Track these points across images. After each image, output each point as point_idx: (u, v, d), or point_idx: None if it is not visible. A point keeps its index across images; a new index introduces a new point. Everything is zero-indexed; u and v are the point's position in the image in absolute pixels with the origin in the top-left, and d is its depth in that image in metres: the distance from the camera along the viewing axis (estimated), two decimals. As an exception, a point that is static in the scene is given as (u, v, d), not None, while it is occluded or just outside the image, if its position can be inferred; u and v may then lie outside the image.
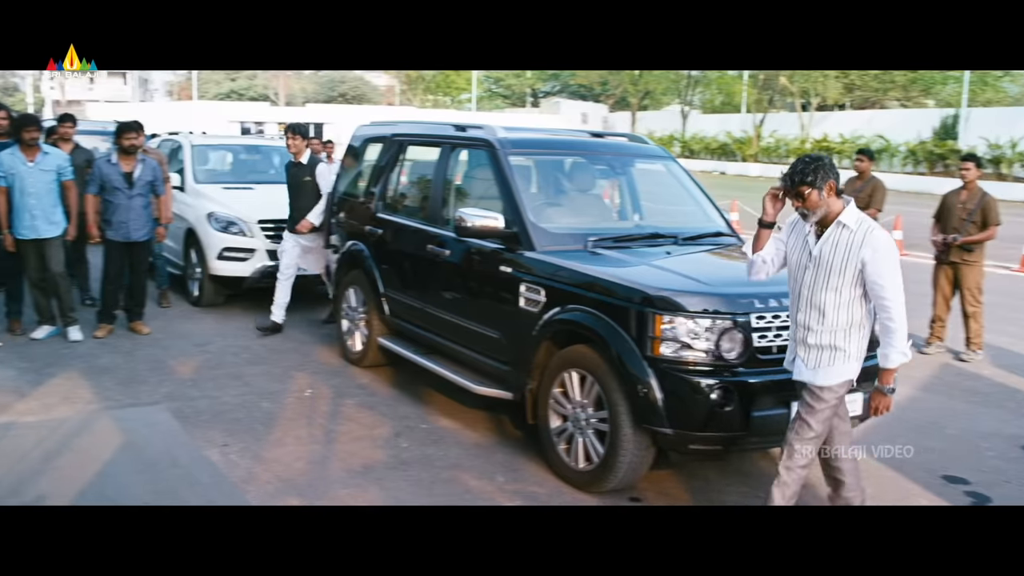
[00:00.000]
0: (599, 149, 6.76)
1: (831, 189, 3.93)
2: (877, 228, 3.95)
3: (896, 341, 3.90)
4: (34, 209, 7.40)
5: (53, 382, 6.50)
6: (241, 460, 5.20)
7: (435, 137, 6.65)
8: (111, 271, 7.87)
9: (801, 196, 3.96)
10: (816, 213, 3.97)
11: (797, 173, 3.94)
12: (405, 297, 6.53)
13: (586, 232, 5.54)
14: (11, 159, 7.39)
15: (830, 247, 3.98)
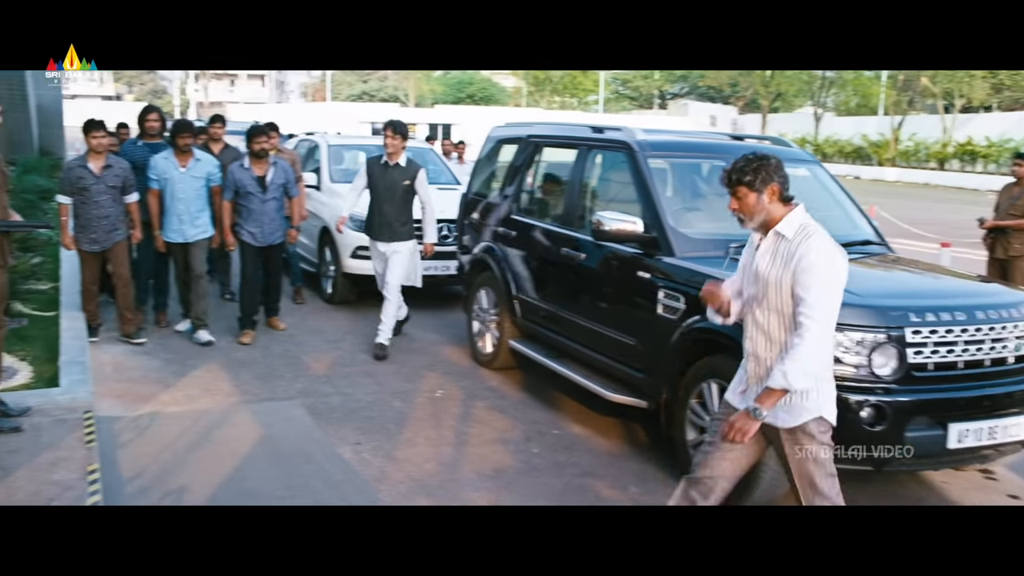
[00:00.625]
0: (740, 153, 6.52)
1: (773, 193, 3.41)
2: (817, 235, 3.37)
3: (790, 361, 3.28)
4: (182, 214, 7.54)
5: (195, 374, 6.70)
6: (373, 459, 5.22)
7: (572, 139, 6.56)
8: (248, 276, 7.86)
9: (737, 197, 3.48)
10: (753, 219, 3.46)
11: (736, 171, 3.46)
12: (537, 300, 6.46)
13: (727, 238, 5.35)
14: (164, 164, 7.55)
15: (768, 260, 3.46)
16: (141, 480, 4.79)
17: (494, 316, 7.06)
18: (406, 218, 7.49)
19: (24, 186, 12.93)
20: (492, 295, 7.08)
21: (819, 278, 3.31)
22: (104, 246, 7.19)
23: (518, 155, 7.13)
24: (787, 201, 3.46)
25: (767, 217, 3.44)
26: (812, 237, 3.37)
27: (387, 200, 7.40)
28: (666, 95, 68.98)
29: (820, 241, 3.37)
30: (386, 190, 7.41)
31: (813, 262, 3.31)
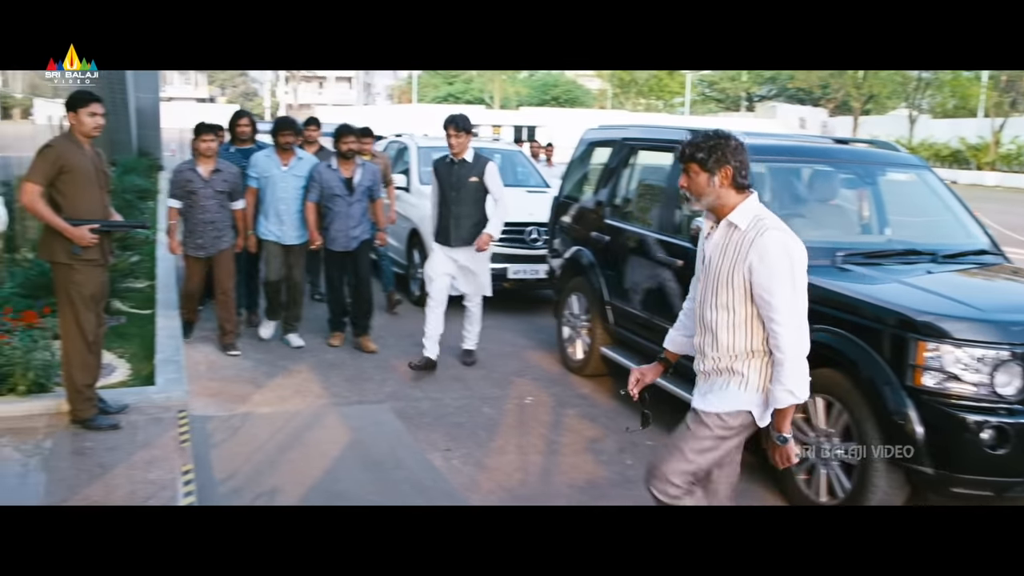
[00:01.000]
0: (844, 156, 6.29)
1: (727, 177, 3.13)
2: (774, 228, 3.10)
3: (784, 376, 3.09)
4: (283, 214, 7.39)
5: (285, 375, 6.73)
6: (464, 467, 5.14)
7: (669, 142, 6.38)
8: (333, 280, 7.69)
9: (687, 174, 3.22)
10: (700, 201, 3.20)
11: (691, 145, 3.20)
12: (631, 307, 6.31)
13: (833, 246, 5.13)
14: (266, 162, 7.41)
15: (719, 252, 3.20)
16: (233, 481, 4.79)
17: (585, 322, 6.92)
18: (477, 219, 6.97)
19: (123, 186, 13.28)
20: (583, 300, 6.95)
21: (785, 277, 3.06)
22: (209, 252, 7.08)
23: (612, 158, 6.99)
24: (741, 188, 3.18)
25: (717, 202, 3.17)
26: (768, 231, 3.09)
27: (456, 200, 6.91)
28: (753, 97, 67.82)
29: (777, 236, 3.09)
30: (454, 189, 6.92)
31: (773, 261, 3.05)
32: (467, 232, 6.91)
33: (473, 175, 6.90)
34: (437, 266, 7.04)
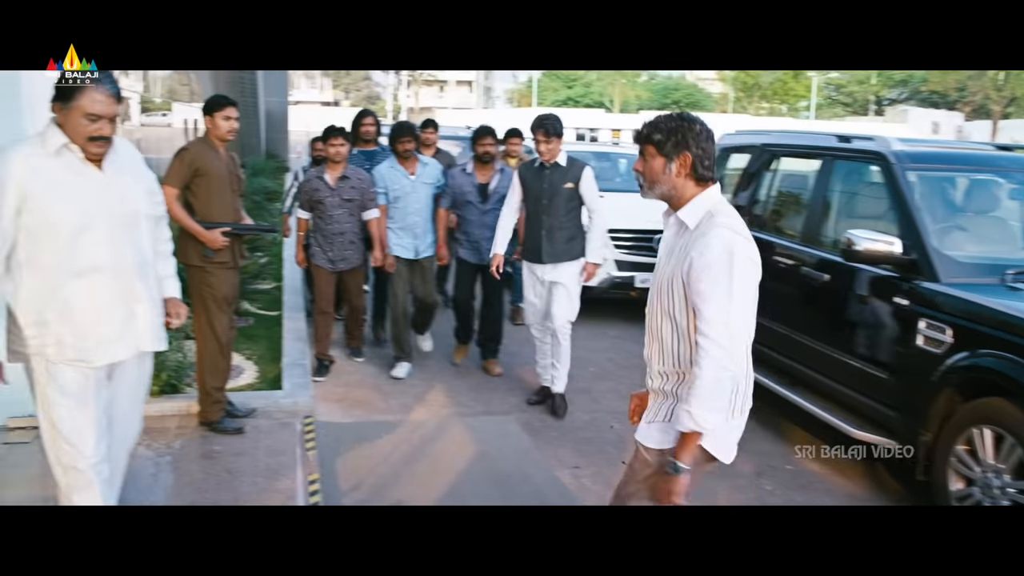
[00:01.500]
0: (1012, 165, 5.80)
1: (684, 166, 2.75)
2: (724, 227, 2.69)
3: (693, 397, 2.66)
4: (416, 227, 6.78)
5: (410, 382, 6.65)
6: (593, 485, 4.93)
7: (814, 148, 6.03)
8: (461, 295, 7.02)
9: (643, 157, 2.86)
10: (653, 188, 2.83)
11: (649, 125, 2.84)
12: (769, 321, 5.96)
13: (1003, 263, 4.72)
14: (392, 173, 6.75)
15: (665, 252, 2.87)
16: (359, 492, 4.70)
17: (719, 336, 6.60)
18: (572, 231, 6.10)
19: (252, 187, 13.56)
20: (717, 313, 6.63)
21: (717, 281, 2.63)
22: (339, 267, 6.63)
23: (751, 165, 6.67)
24: (701, 180, 2.79)
25: (672, 192, 2.80)
26: (718, 228, 2.68)
27: (548, 210, 6.02)
28: (883, 101, 65.39)
29: (722, 233, 2.67)
30: (545, 197, 6.03)
31: (710, 262, 2.63)
32: (561, 247, 6.04)
33: (568, 181, 6.01)
34: (534, 291, 6.24)
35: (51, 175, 3.10)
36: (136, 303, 3.31)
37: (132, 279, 3.27)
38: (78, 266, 3.12)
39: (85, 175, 3.17)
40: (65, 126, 3.11)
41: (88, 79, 3.07)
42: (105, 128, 3.13)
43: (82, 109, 3.07)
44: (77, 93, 3.06)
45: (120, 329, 3.27)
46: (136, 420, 3.60)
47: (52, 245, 3.09)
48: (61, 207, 3.09)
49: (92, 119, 3.08)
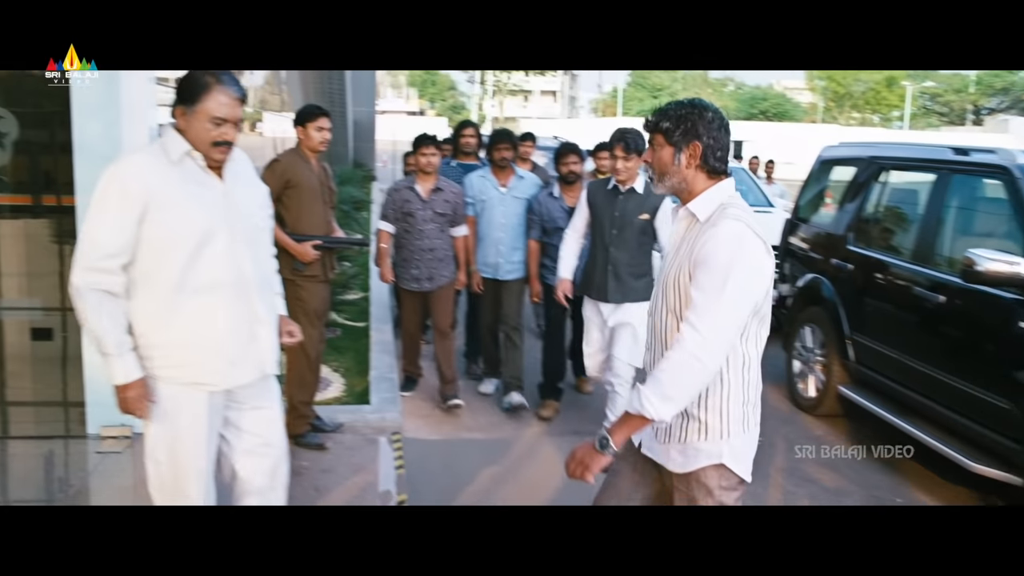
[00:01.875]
0: None
1: (694, 156, 2.56)
2: (735, 220, 2.48)
3: (655, 380, 2.44)
4: (500, 244, 6.25)
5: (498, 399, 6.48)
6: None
7: (927, 161, 5.71)
8: (553, 334, 6.27)
9: (652, 146, 2.67)
10: (662, 181, 2.65)
11: (657, 112, 2.67)
12: (877, 344, 5.67)
13: None
14: (482, 182, 6.35)
15: (673, 247, 2.66)
16: (448, 514, 4.57)
17: (820, 357, 6.31)
18: (642, 268, 5.29)
19: (340, 197, 13.63)
20: (819, 333, 6.34)
21: (715, 271, 2.42)
22: (425, 286, 6.10)
23: (857, 178, 6.36)
24: (714, 173, 2.59)
25: (681, 185, 2.61)
26: (726, 221, 2.49)
27: (614, 242, 5.24)
28: (981, 111, 63.25)
29: (731, 226, 2.47)
30: (615, 227, 5.24)
31: (712, 251, 2.44)
32: (629, 286, 5.22)
33: (643, 211, 5.17)
34: (594, 332, 5.43)
35: (173, 184, 2.89)
36: (257, 323, 3.07)
37: (253, 297, 3.06)
38: (199, 282, 2.91)
39: (207, 185, 2.97)
40: (187, 131, 2.91)
41: (213, 79, 2.90)
42: (229, 133, 2.94)
43: (207, 112, 2.88)
44: (202, 95, 2.87)
45: (242, 351, 3.03)
46: (281, 443, 3.26)
47: (172, 259, 2.87)
48: (184, 218, 2.88)
49: (217, 123, 2.89)
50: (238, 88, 2.95)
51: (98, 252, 2.81)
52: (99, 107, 4.83)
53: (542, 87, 76.87)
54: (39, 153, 5.29)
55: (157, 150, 2.94)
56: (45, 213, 5.37)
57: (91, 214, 2.86)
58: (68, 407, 5.25)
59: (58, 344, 5.34)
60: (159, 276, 2.88)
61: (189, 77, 2.91)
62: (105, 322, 2.84)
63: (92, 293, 2.82)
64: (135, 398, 2.88)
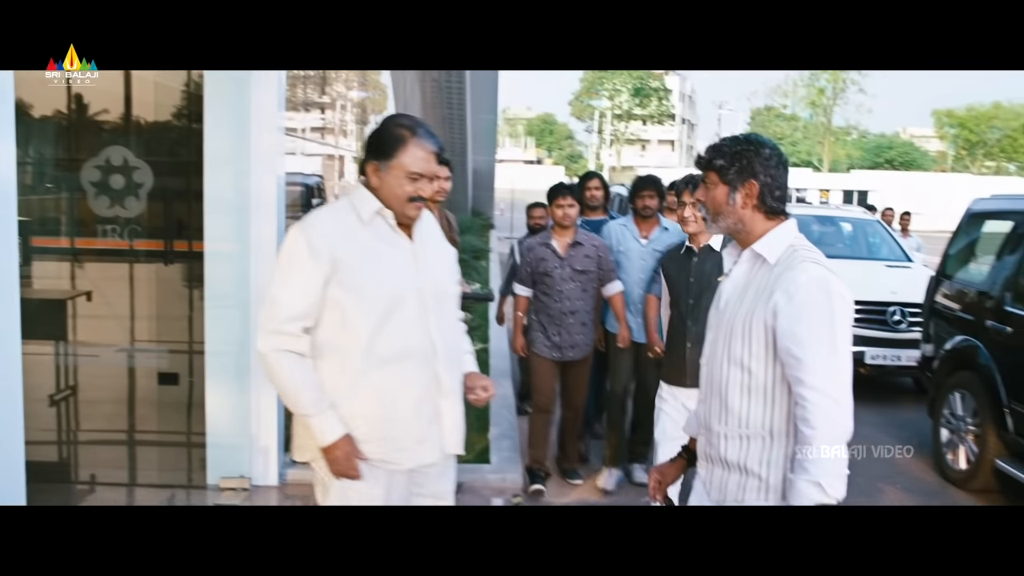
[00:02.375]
0: None
1: (751, 196, 2.39)
2: (811, 262, 2.31)
3: (812, 462, 2.20)
4: (639, 301, 5.51)
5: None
6: None
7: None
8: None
9: (705, 185, 2.49)
10: (718, 222, 2.48)
11: (712, 149, 2.48)
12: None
13: None
14: (622, 231, 5.69)
15: (737, 291, 2.45)
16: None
17: (973, 427, 5.83)
18: None
19: (461, 246, 13.67)
20: (971, 401, 5.86)
21: (817, 324, 2.24)
22: (569, 355, 5.44)
23: (1015, 233, 5.90)
24: (772, 213, 2.42)
25: (737, 226, 2.44)
26: (804, 263, 2.31)
27: (691, 313, 4.37)
28: None
29: (814, 269, 2.30)
30: (689, 295, 4.41)
31: (805, 301, 2.25)
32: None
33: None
34: (671, 417, 4.33)
35: (364, 244, 2.70)
36: (442, 397, 2.80)
37: (441, 369, 2.78)
38: (385, 352, 2.68)
39: (397, 245, 2.76)
40: (380, 188, 2.72)
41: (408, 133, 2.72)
42: (425, 188, 2.75)
43: (404, 168, 2.70)
44: (398, 150, 2.70)
45: (427, 427, 2.78)
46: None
47: (359, 326, 2.66)
48: (374, 282, 2.67)
49: (414, 178, 2.71)
50: (435, 141, 2.78)
51: (283, 314, 2.64)
52: (230, 157, 4.88)
53: (659, 136, 76.52)
54: (173, 200, 5.38)
55: (345, 207, 2.77)
56: (177, 258, 5.45)
57: (276, 274, 2.72)
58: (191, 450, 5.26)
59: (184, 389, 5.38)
60: (343, 343, 2.68)
61: (382, 131, 2.75)
62: (298, 382, 2.66)
63: (279, 355, 2.65)
64: (343, 457, 2.66)
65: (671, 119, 74.14)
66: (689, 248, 4.46)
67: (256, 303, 4.84)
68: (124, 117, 5.49)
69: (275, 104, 4.92)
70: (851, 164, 58.06)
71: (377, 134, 2.75)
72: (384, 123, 2.77)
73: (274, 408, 5.01)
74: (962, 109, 61.00)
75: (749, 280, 2.43)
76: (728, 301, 2.48)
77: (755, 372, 2.36)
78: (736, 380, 2.40)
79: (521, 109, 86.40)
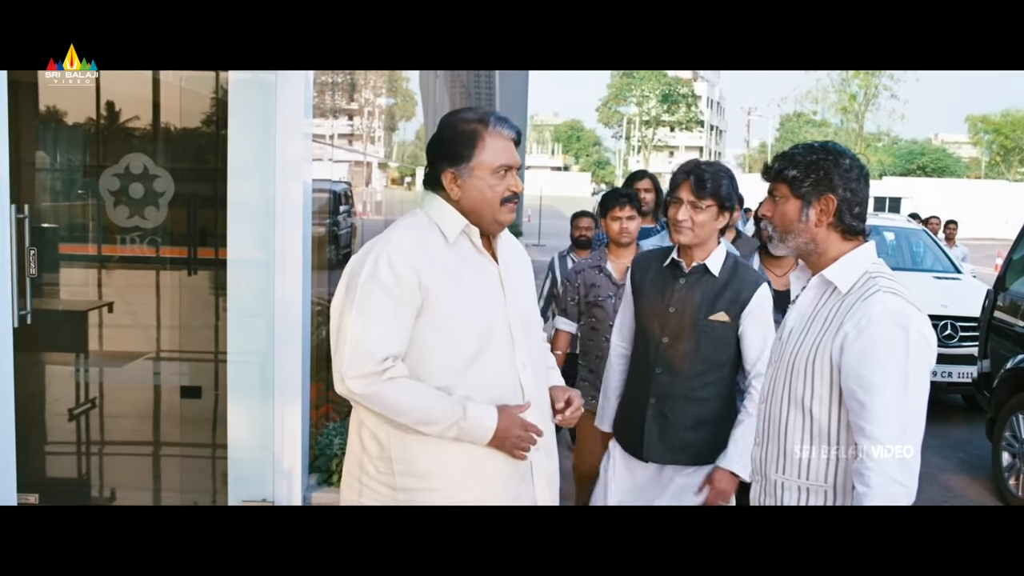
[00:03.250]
0: None
1: (827, 212, 2.11)
2: (890, 293, 2.03)
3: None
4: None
5: None
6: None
7: None
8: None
9: (773, 198, 2.21)
10: (784, 240, 2.19)
11: (783, 158, 2.19)
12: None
13: None
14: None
15: (803, 322, 2.18)
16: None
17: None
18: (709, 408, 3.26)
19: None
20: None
21: (890, 364, 1.96)
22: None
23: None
24: (850, 233, 2.14)
25: (810, 246, 2.16)
26: (878, 293, 2.03)
27: (665, 358, 3.20)
28: None
29: (890, 300, 2.02)
30: (667, 331, 3.18)
31: (876, 339, 1.97)
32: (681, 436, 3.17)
33: (720, 307, 3.14)
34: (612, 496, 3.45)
35: (450, 271, 2.27)
36: (534, 452, 2.36)
37: (532, 417, 2.34)
38: (473, 394, 2.26)
39: (484, 270, 2.35)
40: (464, 198, 2.31)
41: (479, 124, 2.30)
42: (515, 182, 2.34)
43: (489, 164, 2.28)
44: (475, 146, 2.28)
45: (518, 487, 2.36)
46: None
47: (442, 367, 2.25)
48: (463, 315, 2.26)
49: (501, 173, 2.30)
50: (510, 126, 2.35)
51: (371, 358, 2.20)
52: (255, 163, 4.69)
53: (687, 143, 76.10)
54: (199, 207, 5.21)
55: (425, 224, 2.33)
56: (202, 266, 5.29)
57: (356, 308, 2.24)
58: (215, 463, 5.05)
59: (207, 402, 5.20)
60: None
61: (449, 133, 2.33)
62: (420, 398, 2.23)
63: (384, 385, 2.21)
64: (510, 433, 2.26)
65: (699, 125, 73.86)
66: (676, 263, 3.20)
67: (282, 312, 4.64)
68: (152, 124, 5.35)
69: (301, 110, 4.72)
70: (883, 171, 57.37)
71: (442, 139, 2.34)
72: (447, 124, 2.37)
73: (298, 425, 4.78)
74: (997, 114, 60.20)
75: (816, 309, 2.17)
76: (792, 332, 2.23)
77: (817, 416, 2.11)
78: (797, 424, 2.15)
79: (548, 115, 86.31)
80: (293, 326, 4.71)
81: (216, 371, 5.19)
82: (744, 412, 3.12)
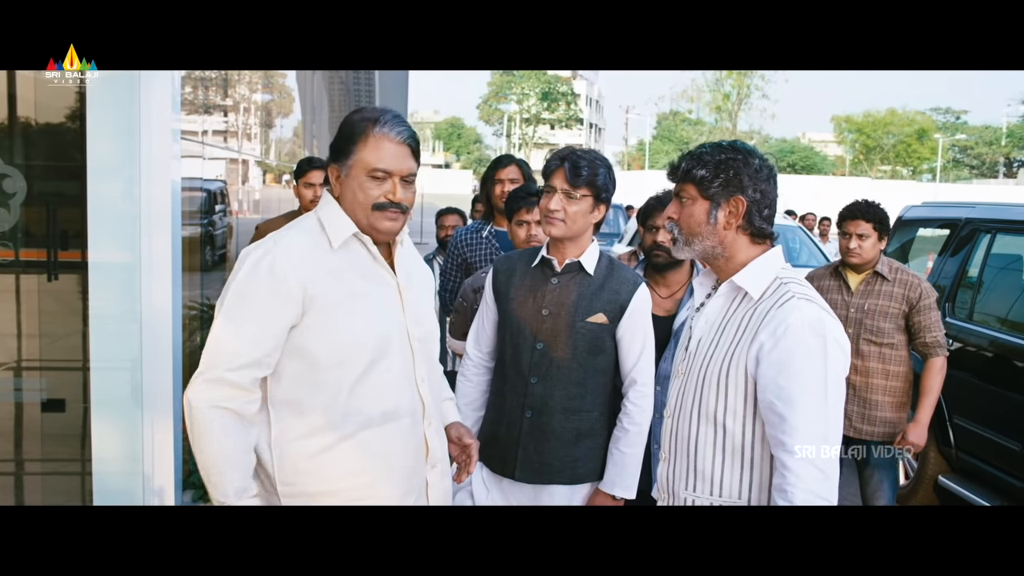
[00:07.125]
0: None
1: (735, 215, 2.05)
2: (803, 299, 1.97)
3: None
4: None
5: None
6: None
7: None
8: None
9: (680, 199, 2.12)
10: (692, 244, 2.10)
11: (689, 157, 2.11)
12: (983, 429, 5.05)
13: None
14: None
15: (712, 331, 2.10)
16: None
17: (912, 441, 5.69)
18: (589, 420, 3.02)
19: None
20: (909, 415, 5.72)
21: (809, 376, 1.91)
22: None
23: (951, 242, 5.77)
24: (759, 236, 2.08)
25: (716, 250, 2.09)
26: (793, 301, 1.97)
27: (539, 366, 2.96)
28: (1014, 162, 62.60)
29: (805, 309, 1.95)
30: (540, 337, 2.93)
31: (792, 349, 1.92)
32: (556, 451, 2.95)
33: (597, 308, 2.89)
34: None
35: (340, 278, 2.12)
36: (429, 468, 2.27)
37: (430, 432, 2.26)
38: (366, 413, 2.13)
39: (379, 280, 2.20)
40: (342, 198, 2.16)
41: (369, 122, 2.13)
42: (396, 191, 2.13)
43: (364, 164, 2.12)
44: (357, 143, 2.12)
45: (413, 500, 2.25)
46: None
47: (332, 381, 2.10)
48: (352, 327, 2.10)
49: (377, 178, 2.11)
50: (406, 130, 2.16)
51: (231, 360, 2.04)
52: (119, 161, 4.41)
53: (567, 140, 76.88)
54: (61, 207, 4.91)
55: (314, 229, 2.17)
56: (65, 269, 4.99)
57: (225, 308, 2.09)
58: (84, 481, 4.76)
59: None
60: (311, 402, 2.12)
61: (343, 126, 2.18)
62: (227, 454, 2.05)
63: (213, 412, 2.03)
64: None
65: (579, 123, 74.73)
66: (547, 262, 2.93)
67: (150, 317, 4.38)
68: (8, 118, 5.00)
69: (168, 105, 4.46)
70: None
71: (338, 133, 2.20)
72: (345, 119, 2.23)
73: (170, 438, 4.53)
74: (859, 115, 62.99)
75: (727, 318, 2.08)
76: (700, 343, 2.13)
77: (731, 430, 2.03)
78: (708, 439, 2.07)
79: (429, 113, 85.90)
80: (163, 332, 4.43)
81: (84, 382, 4.90)
82: (620, 427, 2.92)
